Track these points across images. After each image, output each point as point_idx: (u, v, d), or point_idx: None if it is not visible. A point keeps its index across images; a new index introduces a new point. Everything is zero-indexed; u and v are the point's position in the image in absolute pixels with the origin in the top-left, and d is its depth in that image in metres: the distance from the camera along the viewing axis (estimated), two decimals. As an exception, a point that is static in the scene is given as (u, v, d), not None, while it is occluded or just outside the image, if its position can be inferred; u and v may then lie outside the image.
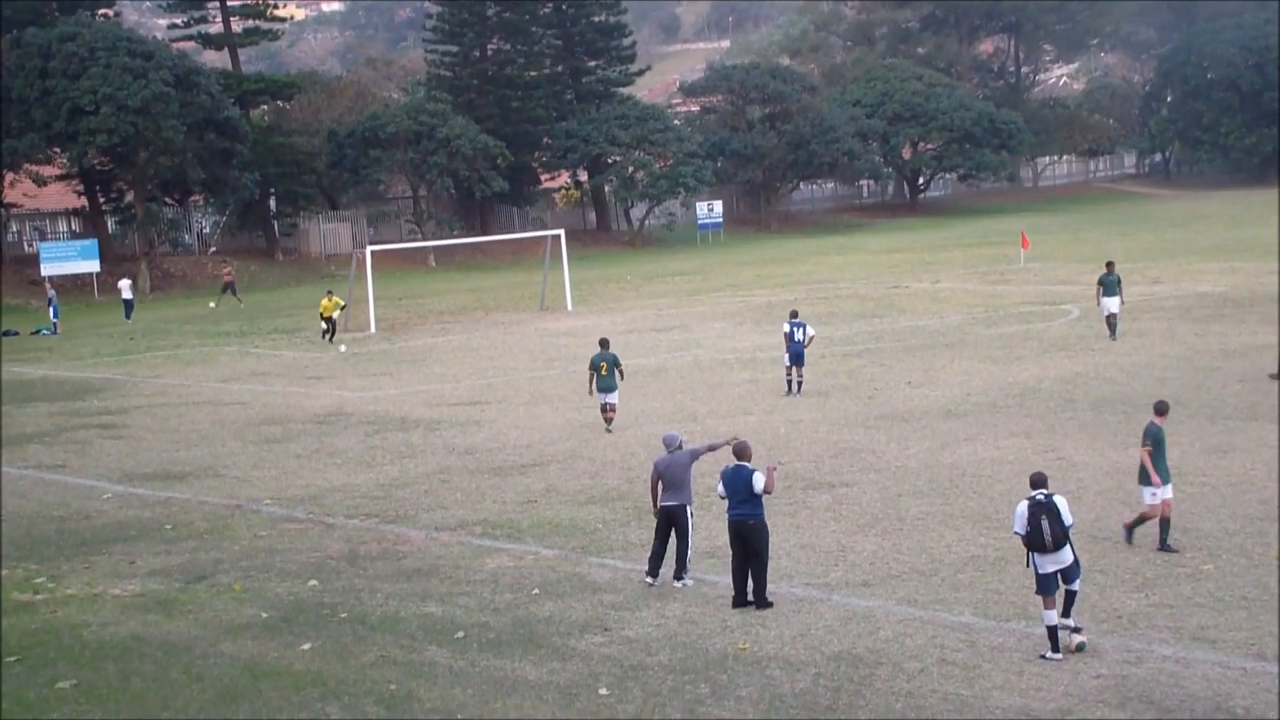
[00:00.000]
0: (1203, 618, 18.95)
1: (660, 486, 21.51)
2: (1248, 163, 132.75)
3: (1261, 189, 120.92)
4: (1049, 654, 17.67)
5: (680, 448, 21.84)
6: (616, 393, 34.03)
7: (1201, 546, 22.04)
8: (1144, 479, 22.02)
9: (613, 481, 28.68)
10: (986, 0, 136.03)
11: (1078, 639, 17.88)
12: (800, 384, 37.84)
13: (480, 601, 21.20)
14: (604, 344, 34.94)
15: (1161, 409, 22.46)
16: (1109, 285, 44.31)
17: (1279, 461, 24.48)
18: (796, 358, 37.75)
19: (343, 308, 56.99)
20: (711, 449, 22.78)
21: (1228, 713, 15.96)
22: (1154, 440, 21.94)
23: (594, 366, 34.07)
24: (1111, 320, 44.29)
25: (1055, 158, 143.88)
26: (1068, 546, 17.94)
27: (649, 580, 21.48)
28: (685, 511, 21.37)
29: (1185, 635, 18.35)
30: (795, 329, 37.61)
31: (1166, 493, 21.88)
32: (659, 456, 22.02)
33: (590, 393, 34.49)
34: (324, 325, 56.18)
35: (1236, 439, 29.42)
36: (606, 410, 34.03)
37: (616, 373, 33.98)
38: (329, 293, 56.95)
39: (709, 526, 23.06)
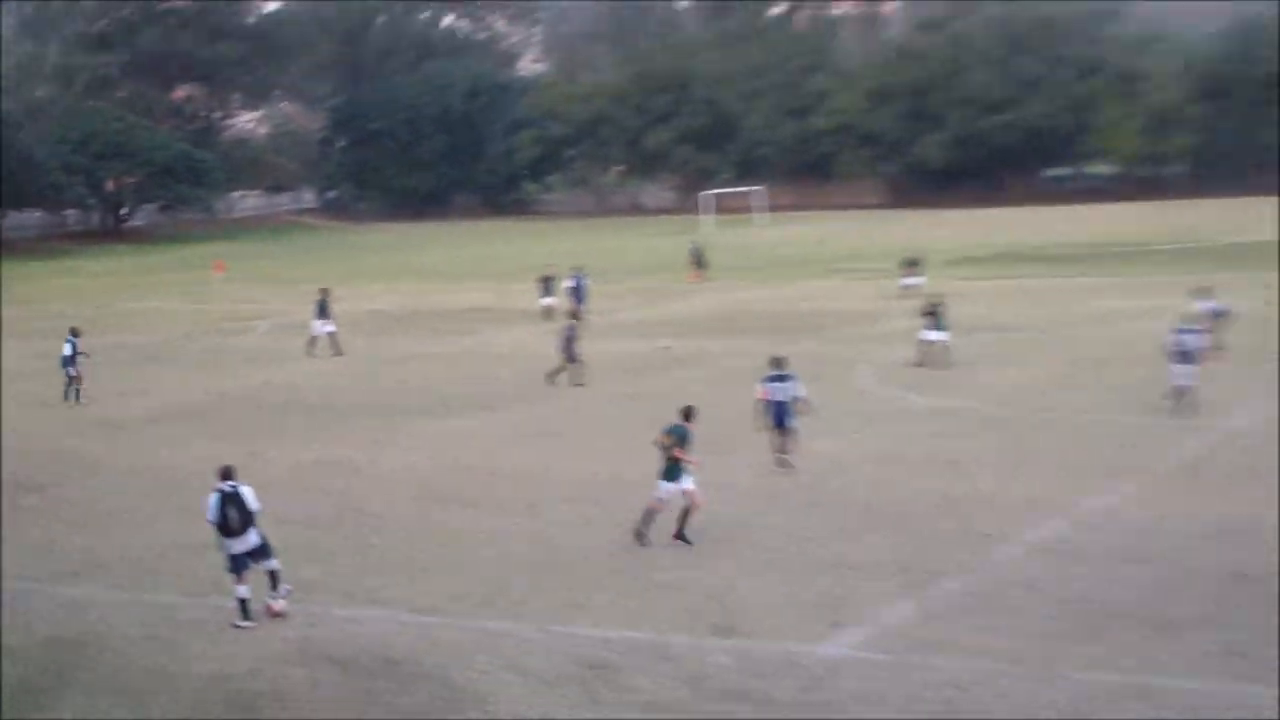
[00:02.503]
0: (372, 582, 19.58)
1: None
2: (406, 200, 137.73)
3: (417, 223, 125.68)
4: (241, 623, 17.82)
5: None
6: None
7: (367, 524, 22.70)
8: (672, 475, 20.67)
9: None
10: (180, 51, 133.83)
11: (281, 605, 18.13)
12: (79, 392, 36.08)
13: None
14: None
15: (690, 414, 21.30)
16: (322, 308, 43.81)
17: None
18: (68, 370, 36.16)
19: None
20: None
21: (392, 658, 16.62)
22: (683, 439, 20.90)
23: None
24: (318, 341, 43.57)
25: (246, 192, 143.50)
26: (253, 530, 18.09)
27: None
28: None
29: (358, 598, 18.91)
30: (70, 345, 36.08)
31: (688, 483, 20.66)
32: None
33: None
34: None
35: (399, 435, 30.35)
36: None
37: None
38: None
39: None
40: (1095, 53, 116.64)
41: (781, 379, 25.33)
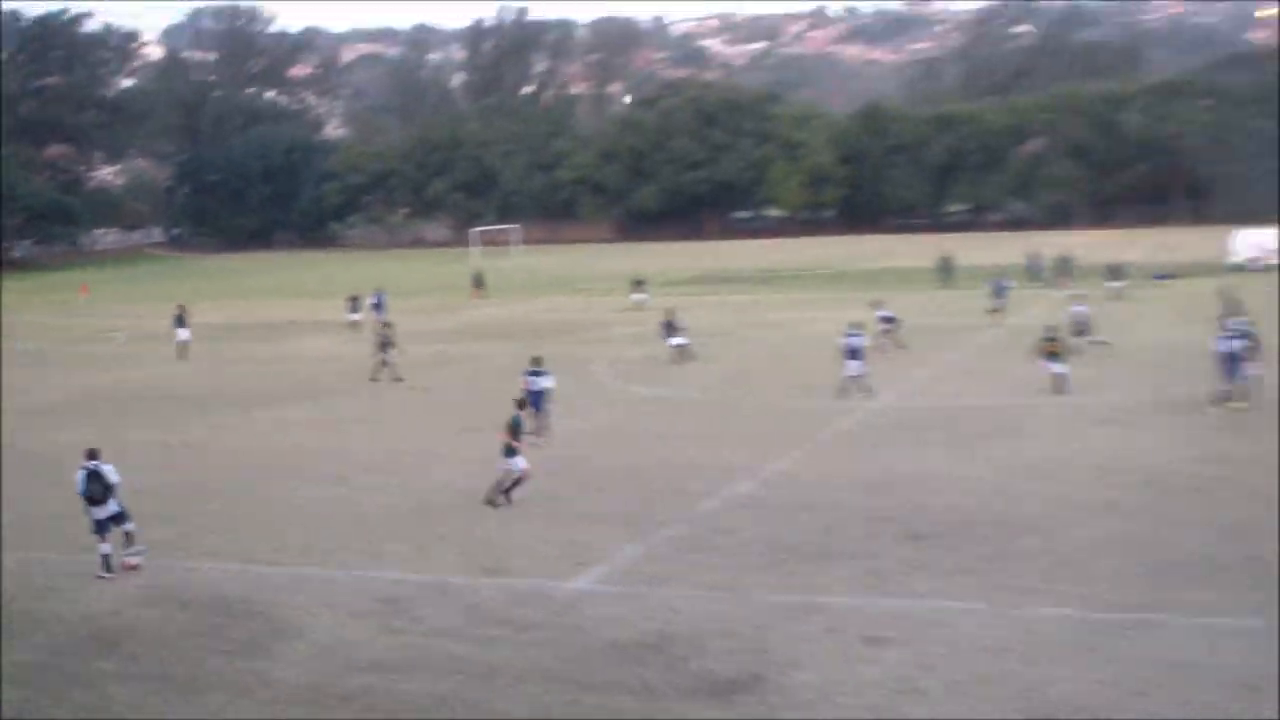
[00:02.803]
0: (211, 539, 18.81)
1: None
2: (237, 236, 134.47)
3: (245, 254, 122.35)
4: (103, 574, 16.95)
5: None
6: None
7: (207, 493, 21.82)
8: (510, 454, 19.96)
9: None
10: (52, 118, 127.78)
11: (137, 560, 17.32)
12: None
13: None
14: None
15: (523, 405, 20.97)
16: (179, 319, 41.85)
17: None
18: None
19: None
20: None
21: (227, 599, 16.00)
22: (516, 428, 20.16)
23: None
24: (182, 346, 41.74)
25: (106, 230, 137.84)
26: (113, 500, 17.22)
27: None
28: None
29: (199, 552, 18.13)
30: None
31: (522, 463, 20.07)
32: None
33: None
34: None
35: (234, 422, 29.29)
36: None
37: None
38: None
39: None
40: (767, 127, 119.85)
41: (538, 373, 25.32)
